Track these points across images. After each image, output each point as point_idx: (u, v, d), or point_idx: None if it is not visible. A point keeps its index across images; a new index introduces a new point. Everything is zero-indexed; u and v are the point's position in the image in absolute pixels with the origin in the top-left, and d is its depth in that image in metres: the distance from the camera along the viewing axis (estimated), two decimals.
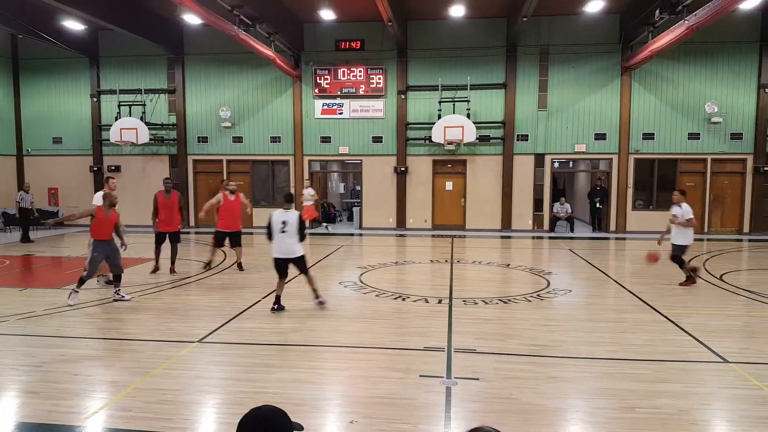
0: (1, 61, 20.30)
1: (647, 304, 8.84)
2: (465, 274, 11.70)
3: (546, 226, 19.07)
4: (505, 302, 8.97)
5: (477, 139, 18.32)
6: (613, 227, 18.80)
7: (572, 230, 18.89)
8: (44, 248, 15.43)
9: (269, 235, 8.36)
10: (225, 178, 17.33)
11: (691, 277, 10.15)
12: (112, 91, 20.17)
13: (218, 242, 11.70)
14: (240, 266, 11.78)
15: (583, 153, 18.77)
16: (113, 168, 20.56)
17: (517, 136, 18.77)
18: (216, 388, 5.51)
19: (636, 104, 18.26)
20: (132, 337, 7.19)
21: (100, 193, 9.79)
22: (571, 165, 20.87)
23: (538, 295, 9.46)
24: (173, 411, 4.94)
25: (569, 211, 19.19)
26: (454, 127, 17.93)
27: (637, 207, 18.76)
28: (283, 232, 8.21)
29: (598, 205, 18.98)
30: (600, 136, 18.51)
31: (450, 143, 18.18)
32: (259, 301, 9.10)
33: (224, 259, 13.34)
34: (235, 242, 11.72)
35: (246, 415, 1.88)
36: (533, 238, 17.92)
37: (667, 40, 14.17)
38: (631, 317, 8.14)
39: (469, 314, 8.19)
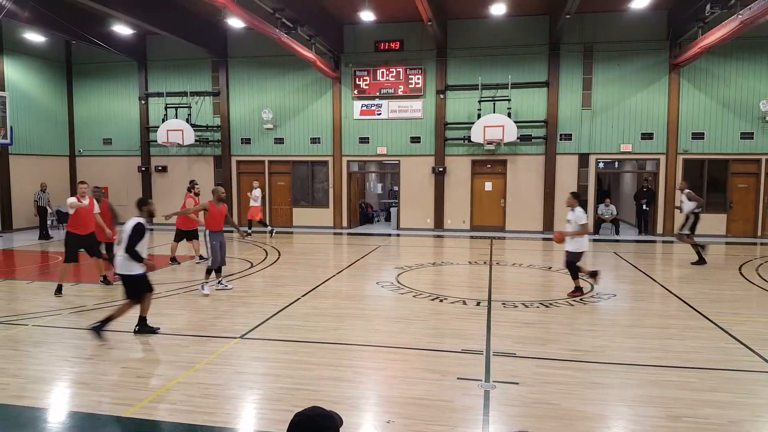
0: (55, 65, 21.19)
1: (695, 309, 8.54)
2: (504, 276, 11.56)
3: (590, 228, 18.63)
4: (547, 306, 8.82)
5: (518, 138, 18.07)
6: (660, 230, 18.21)
7: (617, 233, 18.40)
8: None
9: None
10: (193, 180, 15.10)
11: (579, 289, 9.38)
12: (159, 94, 20.79)
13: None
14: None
15: (629, 153, 18.26)
16: (160, 168, 21.19)
17: (560, 135, 18.42)
18: (256, 384, 5.62)
19: (685, 102, 17.65)
20: (176, 332, 7.39)
21: (73, 199, 9.68)
22: (616, 165, 20.33)
23: (581, 299, 9.26)
24: (215, 405, 5.06)
25: (614, 213, 18.70)
26: (494, 126, 17.72)
27: None
28: (119, 243, 7.16)
29: (644, 207, 18.42)
30: (647, 136, 17.98)
31: (490, 143, 17.99)
32: (299, 299, 9.21)
33: (265, 257, 13.57)
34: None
35: (300, 414, 1.91)
36: None
37: (718, 35, 13.63)
38: (677, 323, 7.88)
39: (508, 317, 8.08)
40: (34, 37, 18.92)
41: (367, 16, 16.99)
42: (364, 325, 7.80)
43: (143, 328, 7.33)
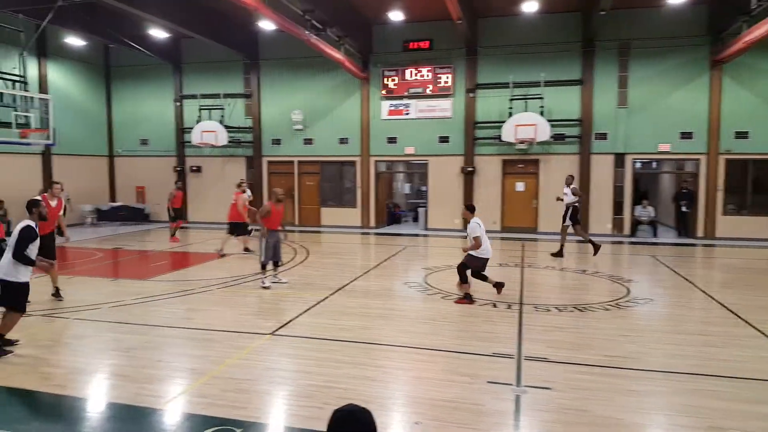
0: (95, 69, 21.80)
1: (739, 317, 8.24)
2: (537, 279, 11.39)
3: (627, 230, 18.23)
4: (581, 310, 8.66)
5: (551, 137, 17.79)
6: (700, 233, 17.68)
7: (655, 235, 17.95)
8: (132, 242, 16.43)
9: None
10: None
11: (469, 296, 9.02)
12: (193, 96, 21.19)
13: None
14: None
15: (668, 153, 17.78)
16: (195, 168, 21.59)
17: (595, 134, 18.07)
18: (287, 380, 5.68)
19: (727, 100, 17.07)
20: (210, 327, 7.51)
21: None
22: (654, 166, 19.83)
23: (616, 304, 9.06)
24: (247, 400, 5.13)
25: (652, 214, 18.24)
26: (526, 125, 17.50)
27: (728, 212, 17.54)
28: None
29: (684, 208, 17.90)
30: (686, 135, 17.48)
31: (522, 142, 17.76)
32: (327, 298, 9.27)
33: (294, 256, 13.70)
34: None
35: (342, 410, 1.93)
36: (612, 242, 17.16)
37: (765, 29, 13.11)
38: (719, 330, 7.62)
39: (540, 321, 7.96)
40: (75, 41, 19.52)
41: (396, 15, 17.00)
42: (392, 325, 7.79)
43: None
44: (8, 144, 14.96)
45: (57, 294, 9.08)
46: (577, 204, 13.70)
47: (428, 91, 19.09)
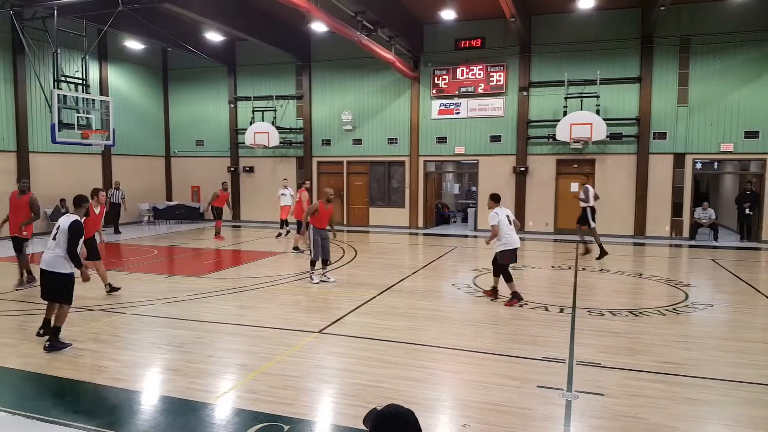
0: (153, 72, 22.64)
1: None
2: (591, 282, 11.06)
3: (686, 233, 17.47)
4: (636, 315, 8.34)
5: (607, 137, 17.27)
6: (765, 236, 16.75)
7: (716, 238, 17.12)
8: (187, 240, 16.96)
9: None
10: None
11: (517, 294, 8.88)
12: (247, 98, 21.70)
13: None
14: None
15: (731, 153, 16.93)
16: (247, 169, 22.10)
17: (654, 134, 17.41)
18: (334, 378, 5.71)
19: None
20: (260, 324, 7.65)
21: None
22: (716, 166, 18.93)
23: (674, 309, 8.69)
24: (294, 397, 5.18)
25: (713, 217, 17.42)
26: (581, 124, 17.04)
27: None
28: (54, 239, 6.57)
29: (747, 211, 17.00)
30: (751, 134, 16.59)
31: (577, 142, 17.30)
32: (374, 297, 9.28)
33: (342, 255, 13.80)
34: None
35: (386, 412, 1.90)
36: (671, 246, 16.49)
37: None
38: None
39: (594, 325, 7.71)
40: (135, 45, 20.31)
41: (447, 14, 16.87)
42: (440, 326, 7.72)
43: (55, 341, 6.51)
44: (71, 144, 15.69)
45: (112, 289, 9.42)
46: (594, 206, 13.77)
47: (480, 90, 18.88)
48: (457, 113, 19.27)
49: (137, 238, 17.43)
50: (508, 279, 8.95)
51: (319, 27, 16.25)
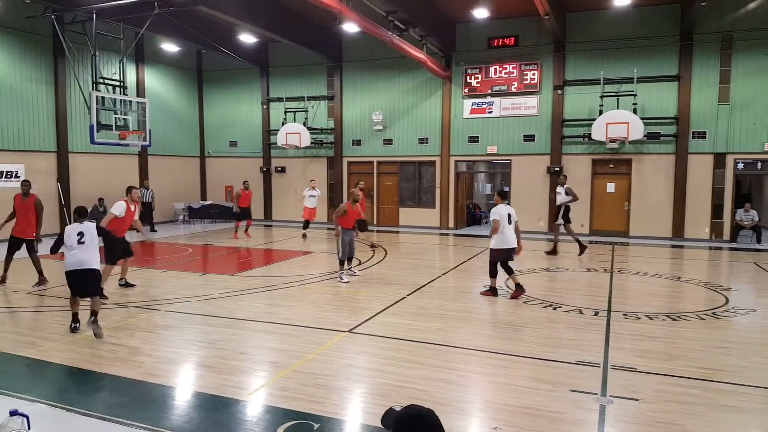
0: (189, 73, 23.09)
1: None
2: (627, 285, 10.80)
3: (727, 235, 16.92)
4: (674, 319, 8.11)
5: (645, 136, 16.86)
6: None
7: (758, 241, 16.52)
8: (221, 239, 17.24)
9: (56, 248, 7.38)
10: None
11: (519, 286, 9.33)
12: (279, 99, 21.95)
13: None
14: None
15: None
16: (279, 169, 22.35)
17: (693, 133, 16.92)
18: (363, 378, 5.71)
19: None
20: (291, 323, 7.71)
21: (121, 203, 9.39)
22: (759, 167, 18.26)
23: (713, 313, 8.42)
24: (325, 395, 5.21)
25: (756, 219, 16.81)
26: (617, 123, 16.69)
27: None
28: (80, 243, 7.18)
29: None
30: None
31: (613, 141, 16.94)
32: (404, 298, 9.25)
33: (372, 255, 13.82)
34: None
35: (408, 413, 1.89)
36: (710, 248, 16.01)
37: None
38: None
39: (629, 329, 7.53)
40: (170, 47, 20.74)
41: (480, 13, 16.74)
42: (470, 328, 7.65)
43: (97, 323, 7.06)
44: (109, 145, 16.12)
45: (126, 284, 9.83)
46: (569, 204, 13.97)
47: (513, 89, 18.67)
48: (490, 112, 19.09)
49: (172, 237, 17.80)
50: (493, 274, 9.42)
51: (350, 27, 16.30)
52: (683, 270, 12.59)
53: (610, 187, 18.13)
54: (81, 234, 7.24)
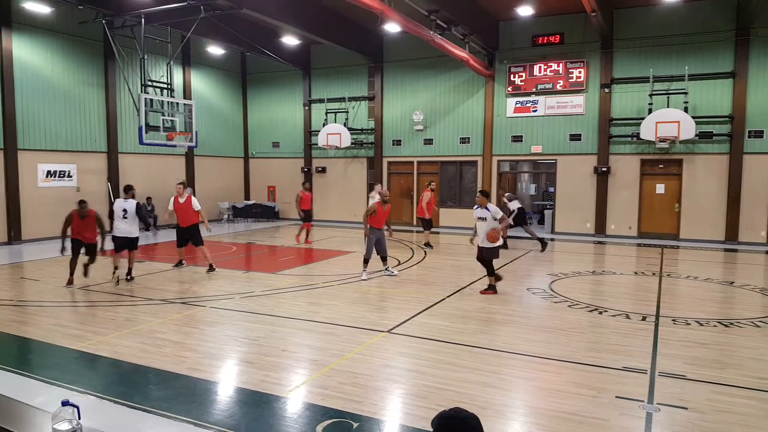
0: (233, 75, 23.56)
1: None
2: (676, 289, 10.41)
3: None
4: (726, 325, 7.76)
5: (696, 135, 16.24)
6: None
7: None
8: (263, 238, 17.52)
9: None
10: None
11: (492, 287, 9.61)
12: (320, 100, 22.15)
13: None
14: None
15: None
16: (320, 169, 22.55)
17: (749, 132, 16.19)
18: (402, 378, 5.67)
19: None
20: (331, 321, 7.75)
21: (171, 199, 11.73)
22: None
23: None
24: (363, 394, 5.20)
25: None
26: (667, 122, 16.12)
27: None
28: (124, 218, 10.17)
29: None
30: None
31: (662, 140, 16.38)
32: (444, 299, 9.17)
33: (412, 255, 13.77)
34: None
35: (447, 415, 1.87)
36: (767, 253, 15.29)
37: None
38: None
39: (679, 335, 7.24)
40: (216, 50, 21.21)
41: (524, 11, 16.47)
42: (513, 332, 7.50)
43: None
44: (157, 146, 16.59)
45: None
46: (518, 209, 15.28)
47: (558, 87, 18.29)
48: (534, 111, 18.75)
49: (217, 235, 18.18)
50: (492, 272, 9.62)
51: (392, 28, 16.31)
52: (737, 275, 12.06)
53: (660, 188, 17.54)
54: (125, 210, 10.17)
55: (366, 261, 10.83)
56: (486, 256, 9.58)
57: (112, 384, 5.58)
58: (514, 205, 15.37)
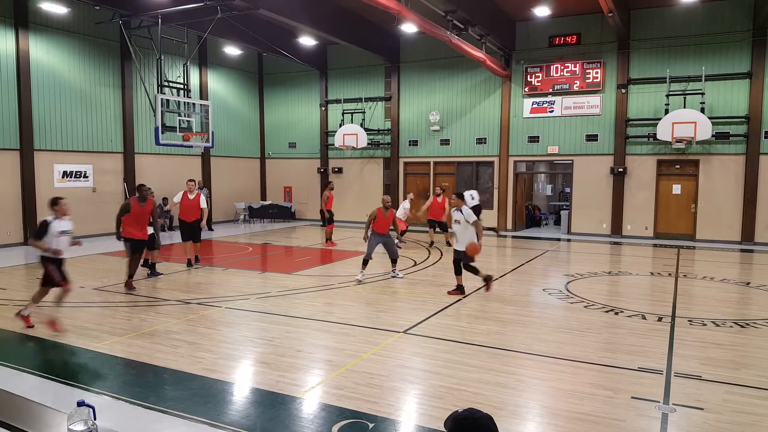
0: (250, 76, 23.71)
1: None
2: (692, 290, 10.32)
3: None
4: (742, 326, 7.68)
5: (713, 136, 16.05)
6: None
7: None
8: (279, 238, 17.64)
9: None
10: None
11: (461, 288, 9.53)
12: (337, 101, 22.22)
13: None
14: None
15: None
16: (336, 169, 22.63)
17: (765, 133, 15.95)
18: (418, 379, 5.70)
19: None
20: (346, 322, 7.80)
21: (179, 194, 12.13)
22: None
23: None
24: (379, 395, 5.23)
25: None
26: (684, 123, 15.96)
27: None
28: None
29: None
30: None
31: (679, 141, 16.22)
32: (459, 300, 9.18)
33: (428, 256, 13.77)
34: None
35: (461, 416, 1.89)
36: None
37: None
38: None
39: (695, 336, 7.19)
40: (232, 51, 21.36)
41: (541, 11, 16.40)
42: (529, 332, 7.50)
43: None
44: (173, 146, 16.73)
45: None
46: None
47: (575, 87, 18.19)
48: (551, 111, 18.65)
49: (233, 236, 18.35)
50: (476, 271, 9.39)
51: (409, 28, 16.31)
52: (753, 275, 11.91)
53: (676, 189, 17.36)
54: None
55: (365, 262, 10.75)
56: (463, 259, 9.36)
57: (128, 384, 5.63)
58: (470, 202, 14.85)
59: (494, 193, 19.82)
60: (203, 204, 11.93)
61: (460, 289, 9.54)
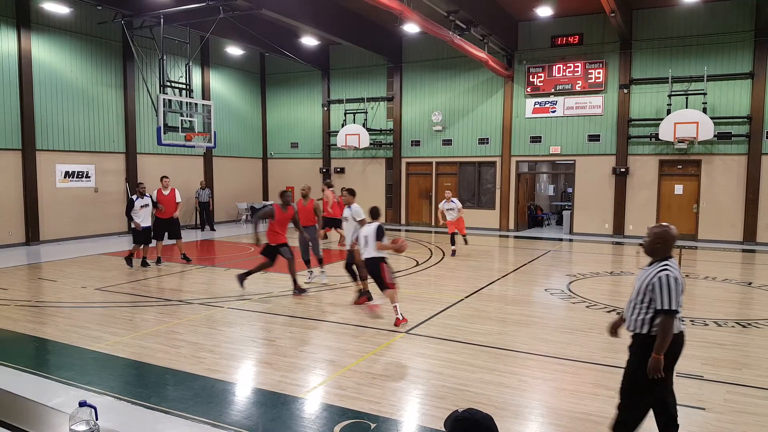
0: (252, 76, 23.73)
1: None
2: (694, 290, 10.29)
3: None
4: (744, 326, 7.68)
5: (715, 136, 16.03)
6: None
7: None
8: None
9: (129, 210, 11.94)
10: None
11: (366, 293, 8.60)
12: (339, 101, 22.23)
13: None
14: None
15: None
16: (339, 170, 22.64)
17: (767, 133, 15.94)
18: (420, 379, 5.70)
19: None
20: (348, 322, 7.81)
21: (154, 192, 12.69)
22: None
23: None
24: (381, 395, 5.24)
25: None
26: (686, 123, 15.93)
27: None
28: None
29: None
30: None
31: (681, 141, 16.20)
32: (462, 300, 9.18)
33: (430, 256, 13.76)
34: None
35: (461, 417, 1.89)
36: None
37: None
38: None
39: (696, 336, 7.17)
40: (234, 51, 21.36)
41: (544, 11, 16.39)
42: (531, 332, 7.49)
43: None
44: (175, 146, 16.69)
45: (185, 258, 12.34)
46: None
47: (577, 87, 18.17)
48: (553, 111, 18.64)
49: (235, 236, 18.35)
50: (355, 277, 8.86)
51: (411, 28, 16.31)
52: (755, 275, 11.89)
53: (678, 189, 17.35)
54: (145, 205, 11.83)
55: (320, 261, 10.91)
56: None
57: (130, 385, 5.64)
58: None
59: (496, 193, 19.81)
60: (178, 198, 12.58)
61: (366, 295, 8.62)
